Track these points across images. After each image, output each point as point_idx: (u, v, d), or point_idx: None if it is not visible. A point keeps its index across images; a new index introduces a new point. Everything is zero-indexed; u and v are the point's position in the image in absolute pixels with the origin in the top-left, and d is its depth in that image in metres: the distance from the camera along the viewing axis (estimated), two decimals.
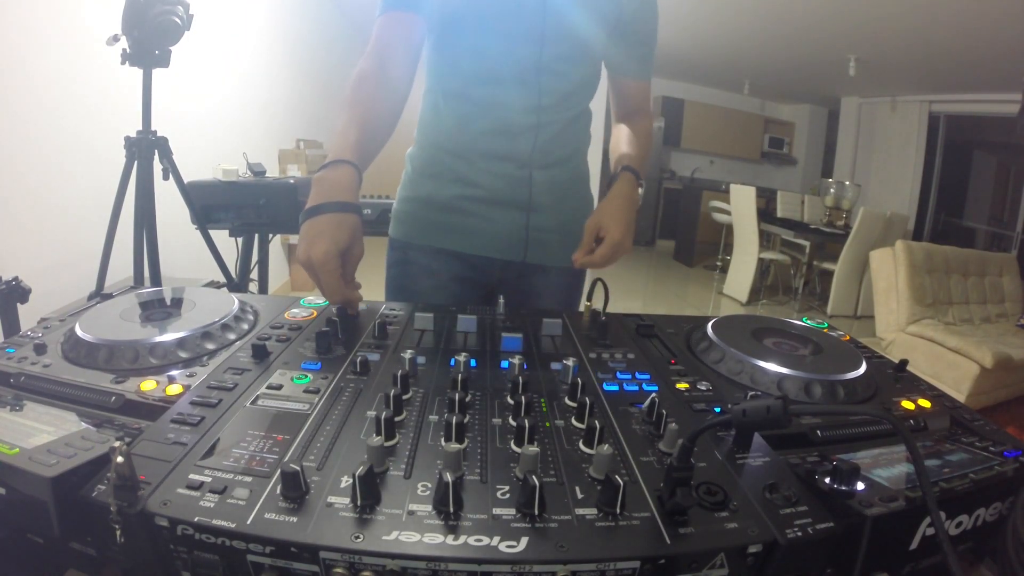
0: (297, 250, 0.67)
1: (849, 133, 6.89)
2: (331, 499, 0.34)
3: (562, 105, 0.92)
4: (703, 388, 0.53)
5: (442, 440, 0.40)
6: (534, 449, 0.37)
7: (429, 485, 0.36)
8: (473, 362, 0.54)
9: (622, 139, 1.01)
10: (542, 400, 0.48)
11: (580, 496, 0.36)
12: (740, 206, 4.98)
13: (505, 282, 0.98)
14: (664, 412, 0.44)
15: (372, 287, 0.87)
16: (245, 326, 0.61)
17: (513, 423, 0.42)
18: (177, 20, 1.62)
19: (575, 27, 0.89)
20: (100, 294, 0.68)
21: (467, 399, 0.47)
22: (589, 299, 0.74)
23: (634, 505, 0.35)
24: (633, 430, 0.44)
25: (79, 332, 0.53)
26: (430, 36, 0.90)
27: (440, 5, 0.86)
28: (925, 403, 0.53)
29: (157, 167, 1.75)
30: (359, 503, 0.33)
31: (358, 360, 0.51)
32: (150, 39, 1.62)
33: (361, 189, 0.72)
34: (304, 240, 0.66)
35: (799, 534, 0.34)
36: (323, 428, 0.42)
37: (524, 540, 0.32)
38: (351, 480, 0.33)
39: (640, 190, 0.92)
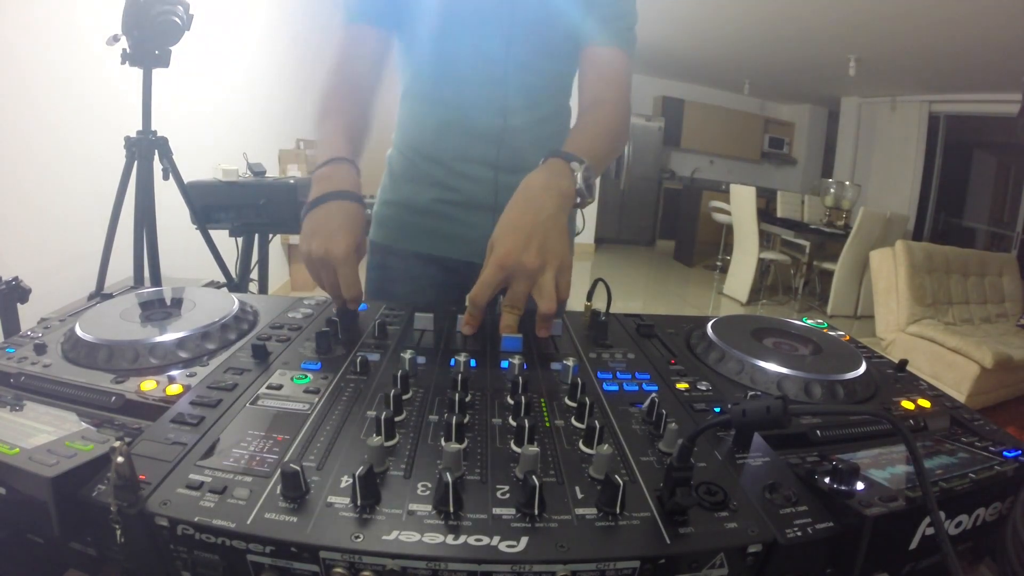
0: (306, 245, 0.63)
1: (849, 133, 6.89)
2: (331, 499, 0.34)
3: (533, 105, 0.88)
4: (703, 388, 0.53)
5: (442, 440, 0.40)
6: (534, 449, 0.37)
7: (429, 485, 0.36)
8: (473, 362, 0.54)
9: (573, 128, 0.82)
10: (542, 400, 0.48)
11: (580, 496, 0.36)
12: (740, 206, 4.99)
13: None
14: (664, 412, 0.44)
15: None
16: (245, 326, 0.61)
17: (513, 423, 0.42)
18: (177, 20, 1.62)
19: (544, 21, 0.83)
20: (100, 294, 0.68)
21: (467, 399, 0.47)
22: (589, 299, 0.74)
23: (634, 505, 0.35)
24: (633, 430, 0.44)
25: (79, 332, 0.53)
26: (400, 40, 0.88)
27: (404, 9, 0.83)
28: (925, 403, 0.53)
29: (157, 167, 1.75)
30: (359, 503, 0.33)
31: (358, 360, 0.51)
32: (150, 39, 1.62)
33: (362, 189, 0.72)
34: (318, 234, 0.63)
35: (799, 534, 0.34)
36: (323, 428, 0.42)
37: (524, 540, 0.32)
38: (351, 480, 0.33)
39: (578, 175, 0.67)
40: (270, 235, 2.39)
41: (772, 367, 0.54)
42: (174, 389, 0.46)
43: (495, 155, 0.88)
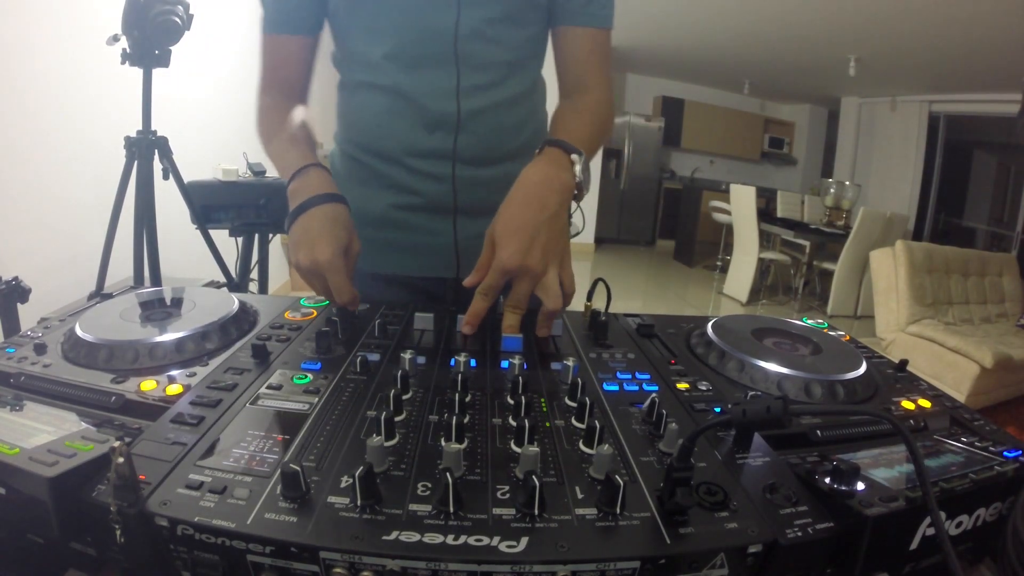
0: (295, 257, 0.64)
1: (849, 133, 6.90)
2: (331, 499, 0.34)
3: (494, 83, 0.76)
4: (703, 388, 0.53)
5: (442, 440, 0.40)
6: (534, 449, 0.37)
7: (429, 485, 0.36)
8: (473, 362, 0.54)
9: (559, 114, 0.76)
10: (542, 400, 0.48)
11: (580, 496, 0.36)
12: (740, 206, 4.99)
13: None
14: (664, 412, 0.44)
15: None
16: (245, 326, 0.61)
17: (513, 423, 0.42)
18: (177, 20, 1.62)
19: None
20: (100, 294, 0.68)
21: (467, 399, 0.47)
22: (589, 299, 0.73)
23: (634, 505, 0.35)
24: (633, 430, 0.44)
25: (79, 332, 0.53)
26: (332, 17, 0.78)
27: None
28: (925, 403, 0.53)
29: (157, 167, 1.75)
30: (359, 503, 0.33)
31: (358, 360, 0.51)
32: (150, 39, 1.62)
33: None
34: (302, 245, 0.63)
35: (799, 534, 0.34)
36: (323, 428, 0.42)
37: (524, 540, 0.32)
38: (351, 480, 0.33)
39: (577, 168, 0.65)
40: (270, 235, 2.39)
41: (772, 367, 0.54)
42: (174, 389, 0.46)
43: (451, 146, 0.77)
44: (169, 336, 0.53)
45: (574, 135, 0.68)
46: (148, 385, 0.47)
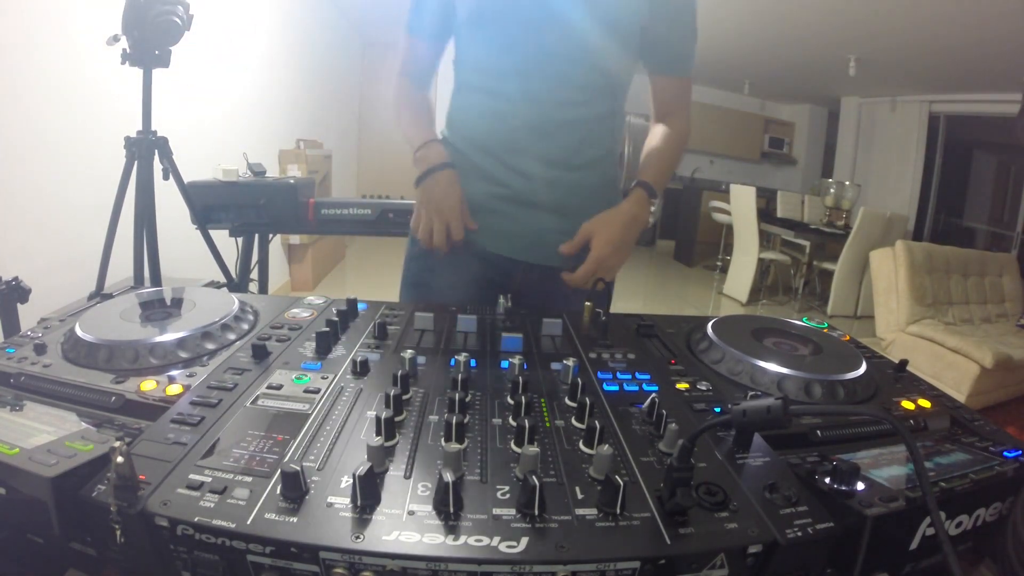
0: (425, 208, 0.87)
1: (849, 133, 6.89)
2: (331, 499, 0.34)
3: (595, 101, 0.91)
4: (703, 388, 0.53)
5: (442, 440, 0.40)
6: (534, 449, 0.37)
7: (429, 485, 0.36)
8: (473, 362, 0.54)
9: (651, 143, 0.99)
10: (542, 400, 0.48)
11: (580, 496, 0.36)
12: (740, 206, 4.98)
13: (528, 285, 0.97)
14: (664, 412, 0.44)
15: (381, 288, 0.88)
16: (245, 326, 0.61)
17: (513, 423, 0.42)
18: (177, 20, 1.62)
19: (606, 17, 0.88)
20: (100, 294, 0.68)
21: (467, 399, 0.47)
22: (589, 299, 0.74)
23: (634, 505, 0.35)
24: (633, 430, 0.44)
25: (79, 332, 0.53)
26: (458, 32, 0.93)
27: (464, 3, 0.89)
28: (925, 403, 0.53)
29: (157, 167, 1.75)
30: (359, 503, 0.33)
31: (358, 360, 0.51)
32: (150, 39, 1.62)
33: (362, 189, 0.76)
34: (434, 196, 0.87)
35: (799, 534, 0.34)
36: (323, 428, 0.42)
37: (524, 540, 0.32)
38: (351, 480, 0.33)
39: (653, 206, 0.91)
40: (270, 235, 2.39)
41: (772, 367, 0.54)
42: (174, 389, 0.46)
43: (560, 152, 0.92)
44: (169, 336, 0.53)
45: (657, 178, 0.93)
46: (148, 385, 0.47)
